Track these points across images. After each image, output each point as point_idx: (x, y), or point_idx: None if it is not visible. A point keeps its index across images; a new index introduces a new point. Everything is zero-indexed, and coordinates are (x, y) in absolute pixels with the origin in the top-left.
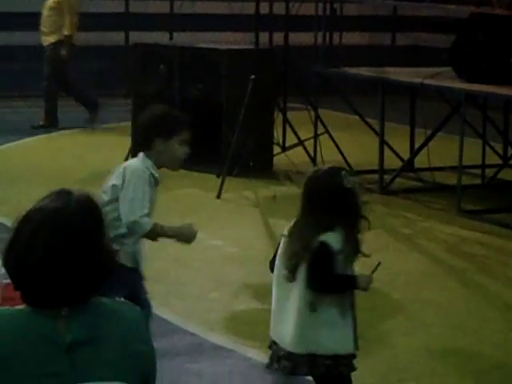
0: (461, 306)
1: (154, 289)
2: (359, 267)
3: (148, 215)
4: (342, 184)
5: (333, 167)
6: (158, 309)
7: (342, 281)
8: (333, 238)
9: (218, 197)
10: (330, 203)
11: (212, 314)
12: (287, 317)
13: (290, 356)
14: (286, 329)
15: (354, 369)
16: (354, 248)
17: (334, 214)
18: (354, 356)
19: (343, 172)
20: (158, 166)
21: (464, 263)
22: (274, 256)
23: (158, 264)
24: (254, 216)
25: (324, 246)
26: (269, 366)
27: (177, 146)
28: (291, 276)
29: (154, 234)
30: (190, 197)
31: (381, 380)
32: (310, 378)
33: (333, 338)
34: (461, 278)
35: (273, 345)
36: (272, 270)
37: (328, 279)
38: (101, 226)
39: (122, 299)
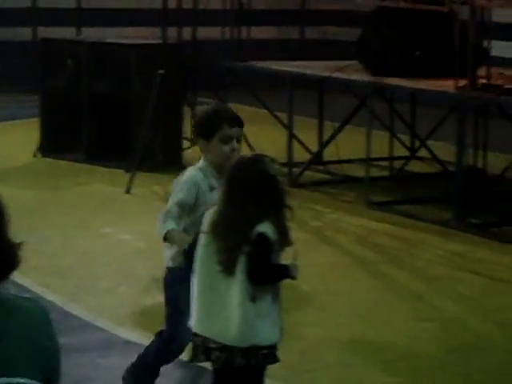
0: (370, 297)
1: (63, 284)
2: None
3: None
4: (266, 171)
5: (257, 154)
6: (68, 305)
7: (279, 271)
8: (269, 229)
9: (128, 192)
10: (257, 192)
11: (122, 308)
12: (224, 311)
13: (224, 347)
14: (224, 323)
15: (278, 359)
16: (285, 237)
17: (262, 202)
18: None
19: (267, 159)
20: (213, 167)
21: (373, 254)
22: (191, 248)
23: (67, 259)
24: (163, 211)
25: (263, 237)
26: (193, 360)
27: (218, 145)
28: (229, 271)
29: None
30: (99, 192)
31: (291, 371)
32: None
33: (269, 328)
34: (369, 269)
35: (195, 337)
36: (187, 263)
37: (268, 271)
38: (1, 221)
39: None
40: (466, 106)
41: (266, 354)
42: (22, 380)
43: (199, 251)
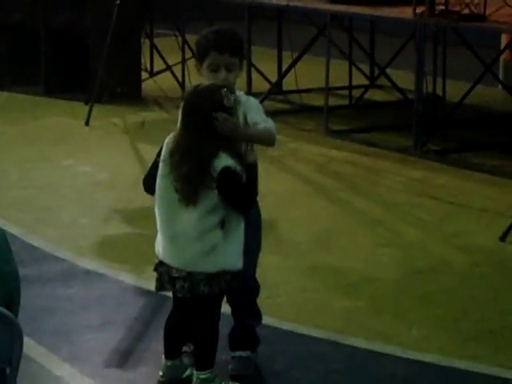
0: (330, 224)
1: (22, 217)
2: None
3: None
4: (222, 102)
5: (213, 84)
6: (28, 236)
7: (251, 186)
8: (229, 162)
9: (87, 124)
10: (211, 121)
11: (82, 239)
12: (188, 239)
13: (187, 276)
14: (189, 251)
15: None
16: (245, 165)
17: (215, 132)
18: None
19: (223, 90)
20: None
21: (333, 182)
22: (150, 175)
23: (26, 192)
24: (122, 142)
25: (229, 171)
26: (160, 289)
27: (207, 72)
28: (188, 200)
29: None
30: (59, 125)
31: None
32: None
33: (235, 253)
34: (329, 196)
35: (159, 267)
36: (148, 190)
37: (252, 199)
38: None
39: None
40: (424, 32)
41: (230, 281)
42: None
43: (158, 182)
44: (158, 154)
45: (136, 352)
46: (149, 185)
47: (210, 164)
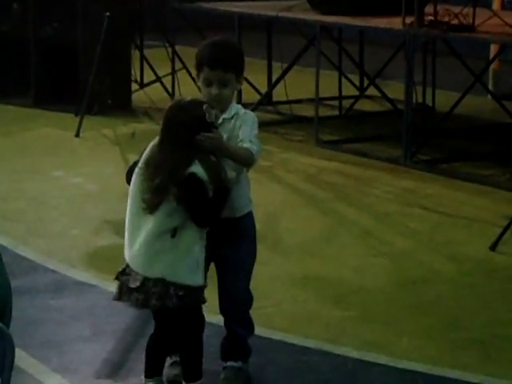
0: (320, 234)
1: (13, 228)
2: None
3: None
4: (204, 117)
5: (195, 99)
6: (18, 247)
7: (219, 200)
8: (198, 169)
9: (77, 135)
10: (190, 135)
11: (73, 250)
12: (144, 241)
13: (142, 287)
14: (141, 252)
15: (204, 301)
16: (217, 175)
17: (192, 146)
18: (203, 288)
19: (205, 105)
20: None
21: (323, 192)
22: (133, 170)
23: (16, 203)
24: (113, 153)
25: (194, 177)
26: (117, 298)
27: (202, 86)
28: (151, 210)
29: None
30: (49, 136)
31: None
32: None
33: (188, 267)
34: (320, 206)
35: (121, 275)
36: (128, 181)
37: (212, 216)
38: None
39: None
40: (414, 43)
41: (183, 296)
42: None
43: (131, 186)
44: (138, 158)
45: (127, 363)
46: (130, 178)
47: (180, 174)
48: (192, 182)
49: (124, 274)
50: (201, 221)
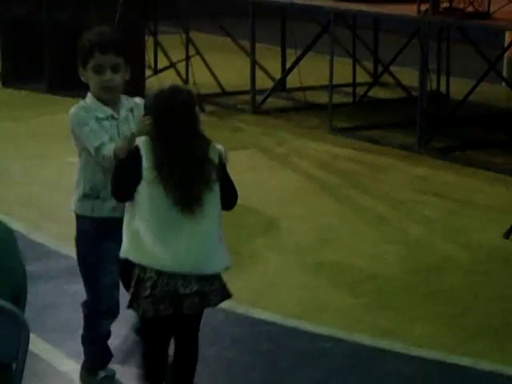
0: (334, 221)
1: (26, 213)
2: None
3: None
4: (189, 101)
5: (175, 85)
6: (32, 233)
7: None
8: (220, 146)
9: None
10: (195, 115)
11: None
12: (200, 240)
13: (199, 291)
14: (203, 253)
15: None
16: None
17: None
18: None
19: (185, 89)
20: (94, 96)
21: (336, 179)
22: (124, 181)
23: (30, 189)
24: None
25: (221, 155)
26: (156, 313)
27: (92, 75)
28: (191, 208)
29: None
30: (62, 122)
31: (256, 295)
32: None
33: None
34: (333, 193)
35: (152, 289)
36: (118, 197)
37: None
38: None
39: None
40: (428, 30)
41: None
42: None
43: (146, 188)
44: (131, 159)
45: (139, 349)
46: (125, 192)
47: (207, 159)
48: (223, 162)
49: (156, 286)
50: (234, 202)
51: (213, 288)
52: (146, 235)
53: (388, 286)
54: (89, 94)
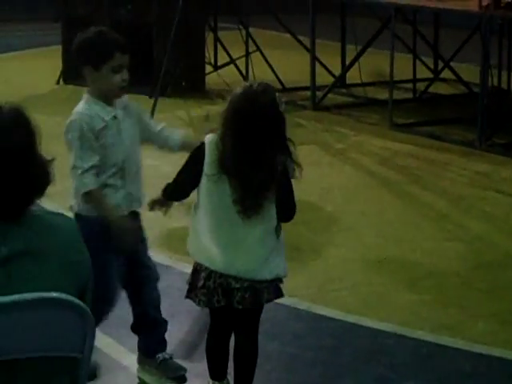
0: (394, 217)
1: None
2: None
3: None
4: (276, 102)
5: (264, 83)
6: None
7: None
8: (287, 162)
9: (151, 117)
10: (274, 123)
11: (148, 232)
12: (251, 246)
13: (250, 286)
14: (251, 258)
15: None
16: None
17: (276, 135)
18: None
19: (278, 94)
20: (97, 97)
21: (397, 175)
22: (177, 182)
23: None
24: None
25: (287, 172)
26: (208, 304)
27: (110, 75)
28: (250, 214)
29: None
30: None
31: (317, 291)
32: None
33: (284, 260)
34: (394, 189)
35: (207, 280)
36: (170, 197)
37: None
38: (33, 139)
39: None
40: (490, 25)
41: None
42: (55, 294)
43: (205, 184)
44: (195, 158)
45: (202, 343)
46: (181, 192)
47: (279, 168)
48: (286, 174)
49: (210, 278)
50: (291, 214)
51: (264, 286)
52: (202, 232)
53: (449, 282)
54: (87, 96)
